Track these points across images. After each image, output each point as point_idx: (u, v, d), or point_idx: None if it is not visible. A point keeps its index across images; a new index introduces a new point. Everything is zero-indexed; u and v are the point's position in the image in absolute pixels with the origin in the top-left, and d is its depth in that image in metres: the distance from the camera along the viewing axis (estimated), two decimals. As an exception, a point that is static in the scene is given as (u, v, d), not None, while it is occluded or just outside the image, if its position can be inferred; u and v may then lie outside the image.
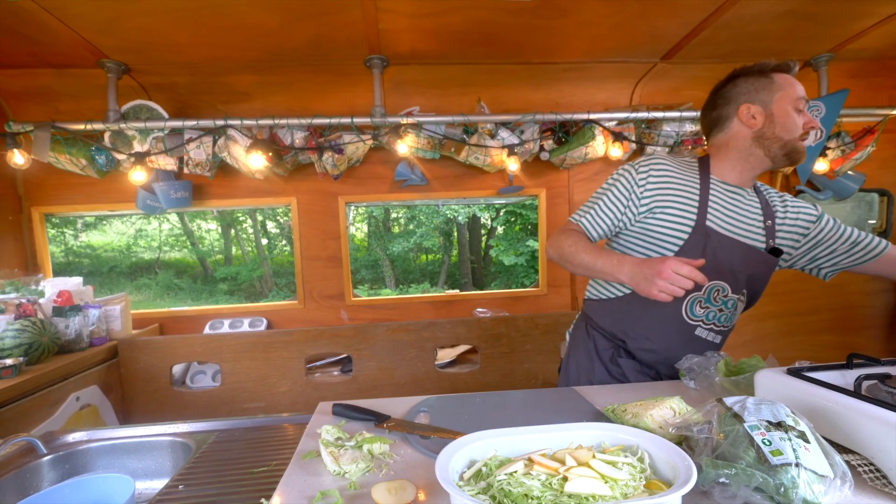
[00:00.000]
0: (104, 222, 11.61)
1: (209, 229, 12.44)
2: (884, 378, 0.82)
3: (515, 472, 0.67)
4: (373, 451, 0.84)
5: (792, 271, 2.83)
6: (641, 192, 1.28)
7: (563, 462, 0.69)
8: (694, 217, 1.25)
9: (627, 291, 1.34)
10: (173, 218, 11.57)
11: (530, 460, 0.70)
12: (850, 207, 3.39)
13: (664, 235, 1.26)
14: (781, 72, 1.24)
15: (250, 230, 12.26)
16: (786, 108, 1.23)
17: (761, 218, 1.32)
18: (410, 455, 0.86)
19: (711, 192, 1.29)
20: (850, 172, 2.58)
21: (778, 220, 1.34)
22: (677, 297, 1.04)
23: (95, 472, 1.00)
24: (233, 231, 12.15)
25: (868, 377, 0.81)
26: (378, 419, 0.98)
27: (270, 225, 12.37)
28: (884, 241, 1.38)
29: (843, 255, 1.40)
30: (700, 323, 1.29)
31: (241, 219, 11.91)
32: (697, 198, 1.27)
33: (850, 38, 2.18)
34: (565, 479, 0.65)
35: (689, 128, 2.35)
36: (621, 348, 1.36)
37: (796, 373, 0.90)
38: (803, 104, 1.22)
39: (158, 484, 1.01)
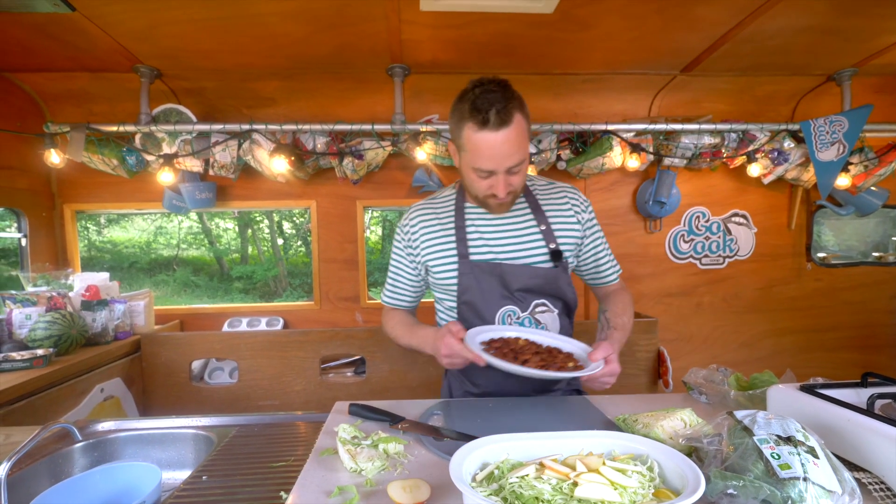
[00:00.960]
0: (126, 219, 11.88)
1: (227, 228, 12.66)
2: (898, 397, 0.82)
3: (527, 475, 0.69)
4: (388, 450, 0.87)
5: (812, 286, 2.81)
6: (415, 248, 1.27)
7: (573, 468, 0.71)
8: (455, 257, 1.22)
9: None
10: (192, 216, 11.80)
11: (541, 465, 0.72)
12: (874, 224, 3.33)
13: (443, 281, 1.25)
14: (474, 125, 1.05)
15: (266, 230, 12.43)
16: (467, 168, 1.14)
17: (535, 224, 1.24)
18: (424, 456, 0.88)
19: (468, 222, 1.25)
20: (873, 188, 2.55)
21: (552, 219, 1.25)
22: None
23: (123, 460, 1.05)
24: (249, 231, 12.35)
25: (882, 396, 0.82)
26: (393, 420, 1.01)
27: (286, 226, 12.53)
28: (613, 275, 1.37)
29: (585, 269, 1.36)
30: None
31: (258, 219, 12.09)
32: (454, 235, 1.24)
33: (875, 54, 2.16)
34: (575, 483, 0.67)
35: (708, 140, 2.34)
36: (464, 389, 1.33)
37: (810, 389, 0.91)
38: (483, 174, 1.10)
39: (181, 474, 1.05)
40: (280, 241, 12.27)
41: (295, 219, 12.14)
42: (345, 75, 2.23)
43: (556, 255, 1.23)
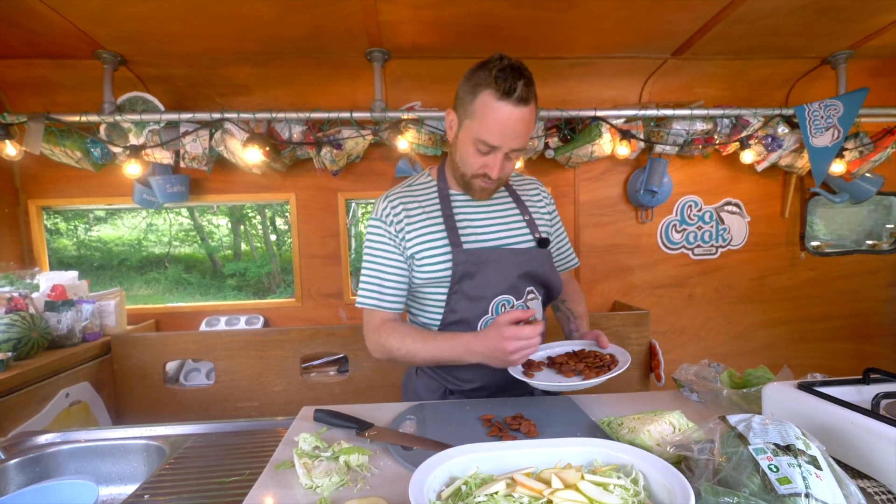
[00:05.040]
0: (115, 216, 11.72)
1: (219, 225, 12.50)
2: (905, 396, 0.75)
3: (496, 493, 0.62)
4: (350, 462, 0.79)
5: (805, 275, 2.76)
6: (401, 238, 1.16)
7: (548, 483, 0.63)
8: (447, 246, 1.14)
9: None
10: (184, 213, 11.65)
11: (513, 480, 0.64)
12: (868, 211, 3.28)
13: (434, 273, 1.15)
14: (494, 92, 1.01)
15: (259, 226, 12.28)
16: (468, 139, 1.08)
17: (519, 215, 1.23)
18: (390, 468, 0.81)
19: (455, 210, 1.18)
20: (868, 175, 2.49)
21: (533, 213, 1.26)
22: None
23: (67, 475, 0.96)
24: (242, 227, 12.19)
25: (887, 395, 0.75)
26: (360, 427, 0.93)
27: (279, 221, 12.38)
28: (575, 258, 1.39)
29: (555, 258, 1.37)
30: None
31: (250, 215, 11.94)
32: (442, 223, 1.16)
33: (871, 35, 2.09)
34: (550, 502, 0.60)
35: (700, 126, 2.27)
36: (447, 388, 1.25)
37: (808, 388, 0.84)
38: (484, 148, 1.05)
39: (130, 489, 0.97)
40: (273, 237, 12.13)
41: (287, 214, 11.98)
42: (322, 61, 2.13)
43: (543, 242, 1.22)
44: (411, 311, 1.28)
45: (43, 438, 1.00)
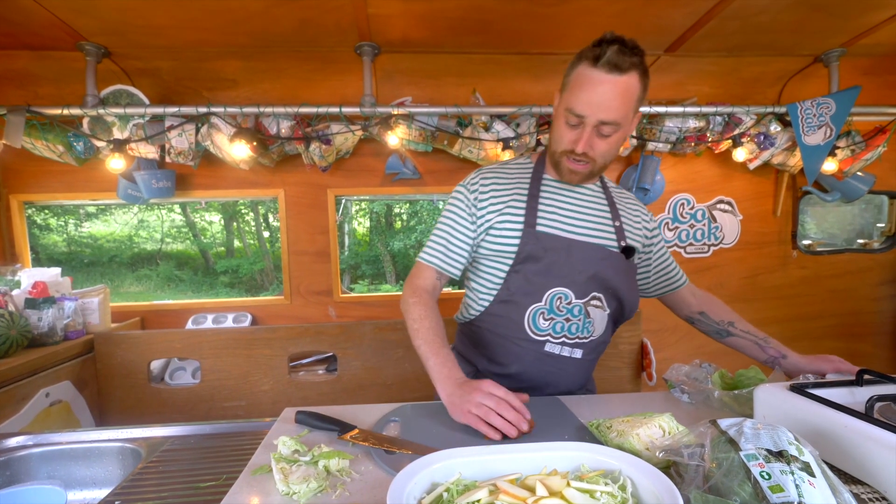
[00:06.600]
0: (106, 213, 11.59)
1: (212, 221, 12.39)
2: (898, 399, 0.74)
3: (478, 500, 0.60)
4: (329, 467, 0.77)
5: (797, 274, 2.75)
6: (479, 208, 1.15)
7: (532, 490, 0.61)
8: (522, 223, 1.12)
9: (478, 313, 1.20)
10: (176, 209, 11.54)
11: (496, 487, 0.62)
12: (858, 210, 3.29)
13: (502, 245, 1.13)
14: (588, 62, 0.99)
15: (253, 223, 12.19)
16: (559, 113, 1.06)
17: (609, 218, 1.19)
18: (372, 473, 0.78)
19: (543, 192, 1.16)
20: (859, 173, 2.48)
21: (624, 222, 1.21)
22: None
23: (38, 479, 0.93)
24: (235, 223, 12.09)
25: (881, 398, 0.73)
26: (342, 429, 0.91)
27: (272, 218, 12.30)
28: (683, 276, 1.35)
29: (654, 280, 1.34)
30: (548, 337, 1.13)
31: (243, 211, 11.84)
32: (525, 201, 1.14)
33: (864, 33, 2.08)
34: (533, 511, 0.57)
35: (693, 123, 2.25)
36: (477, 369, 1.22)
37: (800, 389, 0.82)
38: (573, 119, 1.02)
39: (105, 494, 0.94)
40: (266, 234, 12.04)
41: (280, 211, 11.85)
42: (311, 55, 2.09)
43: (628, 251, 1.18)
44: (469, 279, 1.25)
45: (13, 441, 0.96)
